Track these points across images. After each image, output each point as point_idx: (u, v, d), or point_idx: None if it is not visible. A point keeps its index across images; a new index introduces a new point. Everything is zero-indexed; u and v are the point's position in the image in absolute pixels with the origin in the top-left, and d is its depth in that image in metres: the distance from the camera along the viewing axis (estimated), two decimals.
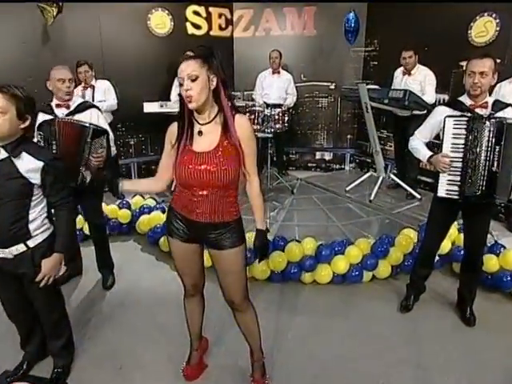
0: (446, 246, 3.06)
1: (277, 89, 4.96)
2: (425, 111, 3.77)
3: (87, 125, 2.48)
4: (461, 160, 2.20)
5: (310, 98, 5.68)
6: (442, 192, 2.28)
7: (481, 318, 2.55)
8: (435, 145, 2.51)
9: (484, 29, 3.97)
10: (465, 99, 2.27)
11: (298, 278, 2.98)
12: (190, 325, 2.02)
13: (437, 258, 3.07)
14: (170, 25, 4.97)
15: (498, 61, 2.17)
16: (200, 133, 1.62)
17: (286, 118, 4.38)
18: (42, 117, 2.50)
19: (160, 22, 4.88)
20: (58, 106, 2.55)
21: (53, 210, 1.91)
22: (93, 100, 3.90)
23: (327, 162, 5.93)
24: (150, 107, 4.33)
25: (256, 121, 4.28)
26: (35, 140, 2.47)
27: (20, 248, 1.77)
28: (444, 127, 2.24)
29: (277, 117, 4.27)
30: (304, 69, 5.55)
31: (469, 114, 2.21)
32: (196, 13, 5.13)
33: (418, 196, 4.13)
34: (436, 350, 2.33)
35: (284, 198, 4.46)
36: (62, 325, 2.11)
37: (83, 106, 2.61)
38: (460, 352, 2.32)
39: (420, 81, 4.00)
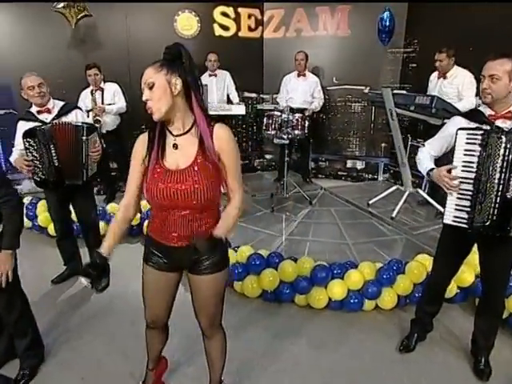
0: (467, 279, 2.62)
1: (302, 92, 4.69)
2: None
3: (80, 124, 2.59)
4: (472, 182, 1.83)
5: (342, 102, 5.33)
6: (448, 218, 1.92)
7: (498, 370, 2.13)
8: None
9: None
10: (484, 109, 1.89)
11: (292, 300, 2.73)
12: (149, 349, 1.87)
13: (457, 290, 2.67)
14: (197, 26, 4.92)
15: None
16: (175, 146, 1.44)
17: (307, 124, 4.10)
18: (23, 125, 2.55)
19: (187, 23, 4.85)
20: (39, 112, 2.60)
21: None
22: (102, 102, 3.95)
23: (359, 171, 5.53)
24: None
25: (273, 126, 4.06)
26: (22, 147, 2.53)
27: None
28: (456, 141, 1.88)
29: (295, 122, 4.02)
30: (336, 71, 5.21)
31: (487, 127, 1.83)
32: (224, 14, 5.03)
33: None
34: None
35: (301, 208, 4.19)
36: (24, 325, 2.08)
37: (67, 108, 2.67)
38: None
39: (457, 85, 3.53)
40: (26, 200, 4.17)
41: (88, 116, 3.90)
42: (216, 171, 1.43)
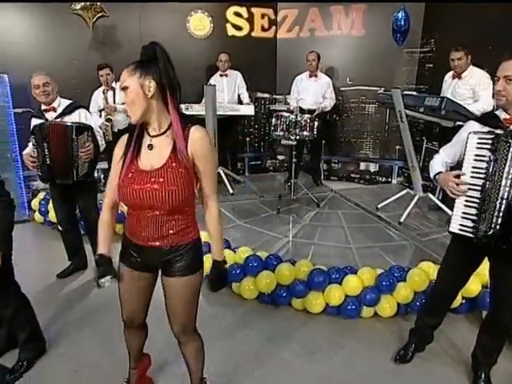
0: (473, 289, 2.50)
1: (313, 93, 4.62)
2: None
3: (69, 124, 2.62)
4: (480, 189, 1.71)
5: (356, 103, 5.22)
6: (454, 227, 1.78)
7: None
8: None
9: None
10: (500, 112, 1.78)
11: (289, 303, 2.68)
12: (129, 348, 1.86)
13: (463, 300, 2.55)
14: (210, 26, 4.93)
15: None
16: (150, 146, 1.44)
17: (316, 125, 4.03)
18: (34, 122, 2.66)
19: (199, 23, 4.87)
20: (45, 110, 2.68)
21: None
22: (114, 101, 4.02)
23: (372, 173, 5.40)
24: None
25: (281, 127, 4.02)
26: (30, 144, 2.62)
27: None
28: (466, 145, 1.76)
29: (303, 123, 3.96)
30: (350, 72, 5.11)
31: (501, 132, 1.70)
32: (237, 14, 5.02)
33: None
34: None
35: (308, 211, 4.12)
36: (21, 319, 2.13)
37: (71, 107, 2.72)
38: None
39: (472, 85, 3.37)
40: (41, 196, 4.31)
41: (100, 115, 3.98)
42: (188, 175, 1.41)
